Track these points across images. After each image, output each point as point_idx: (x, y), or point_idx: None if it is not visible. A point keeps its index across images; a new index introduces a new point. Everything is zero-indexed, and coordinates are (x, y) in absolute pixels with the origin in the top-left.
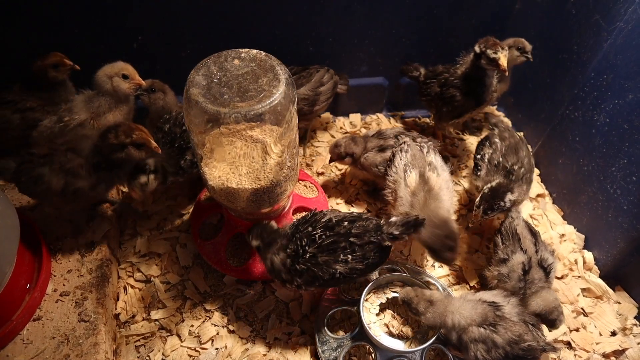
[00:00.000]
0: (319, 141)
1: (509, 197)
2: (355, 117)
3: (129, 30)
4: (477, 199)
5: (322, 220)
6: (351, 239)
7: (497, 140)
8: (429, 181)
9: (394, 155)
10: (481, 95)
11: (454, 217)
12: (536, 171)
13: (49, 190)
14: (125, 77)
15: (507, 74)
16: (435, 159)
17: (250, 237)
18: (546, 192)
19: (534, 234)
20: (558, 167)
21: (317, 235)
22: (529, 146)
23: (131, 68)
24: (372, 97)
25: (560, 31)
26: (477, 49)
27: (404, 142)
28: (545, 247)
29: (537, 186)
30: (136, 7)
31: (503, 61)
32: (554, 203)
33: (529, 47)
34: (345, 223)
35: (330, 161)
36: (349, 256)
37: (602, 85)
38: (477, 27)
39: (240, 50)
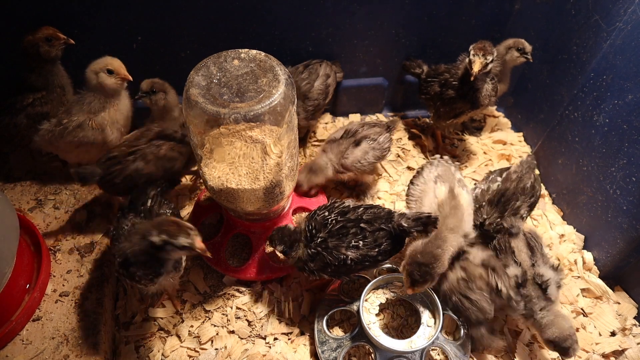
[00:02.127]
0: (318, 140)
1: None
2: (355, 118)
3: (129, 31)
4: None
5: (340, 206)
6: (362, 225)
7: (499, 179)
8: (458, 197)
9: (422, 169)
10: (477, 98)
11: (472, 234)
12: (536, 171)
13: (150, 179)
14: (110, 72)
15: (472, 78)
16: (462, 178)
17: (275, 244)
18: (546, 192)
19: (532, 247)
20: (557, 168)
21: (329, 220)
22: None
23: (117, 62)
24: (371, 98)
25: (560, 32)
26: (470, 48)
27: (434, 158)
28: (544, 261)
29: None
30: (136, 7)
31: (475, 67)
32: (553, 203)
33: (529, 47)
34: (360, 210)
35: (309, 195)
36: (360, 242)
37: (601, 86)
38: (477, 28)
39: (240, 50)
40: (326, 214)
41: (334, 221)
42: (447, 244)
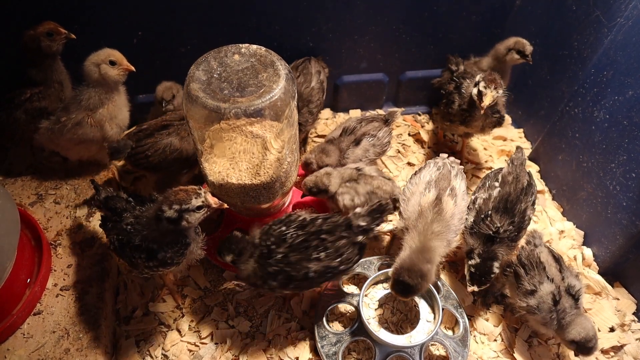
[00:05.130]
0: (319, 136)
1: (496, 265)
2: (355, 114)
3: (129, 26)
4: (468, 277)
5: (297, 219)
6: (322, 236)
7: (496, 184)
8: (443, 205)
9: (423, 167)
10: (469, 123)
11: (454, 244)
12: (536, 167)
13: (180, 157)
14: (112, 63)
15: (482, 112)
16: (460, 185)
17: (223, 255)
18: (546, 189)
19: (557, 259)
20: (557, 164)
21: (288, 235)
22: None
23: (118, 54)
24: (372, 93)
25: (561, 27)
26: (477, 77)
27: (440, 158)
28: (570, 271)
29: (536, 182)
30: (136, 2)
31: (487, 100)
32: (553, 199)
33: (529, 49)
34: (319, 221)
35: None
36: (322, 254)
37: (602, 82)
38: (478, 24)
39: (241, 45)
40: (283, 228)
41: (294, 235)
42: (435, 254)
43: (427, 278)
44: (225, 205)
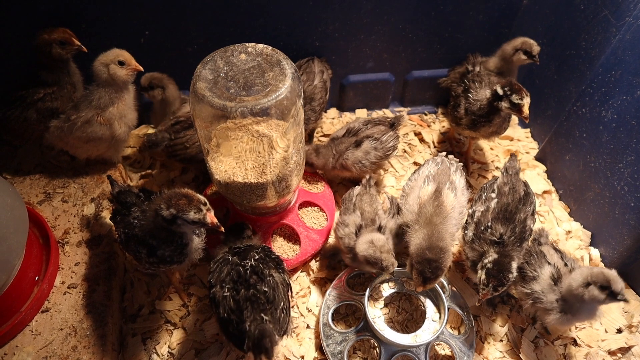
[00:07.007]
0: (325, 135)
1: (514, 265)
2: (362, 113)
3: (136, 25)
4: (483, 276)
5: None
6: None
7: (493, 195)
8: (443, 198)
9: (423, 164)
10: (478, 124)
11: (454, 243)
12: (543, 167)
13: None
14: (121, 63)
15: (527, 121)
16: (460, 180)
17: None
18: (552, 189)
19: (559, 251)
20: (565, 164)
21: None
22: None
23: (127, 54)
24: (378, 93)
25: (569, 27)
26: (499, 90)
27: (439, 155)
28: (573, 261)
29: (543, 182)
30: (143, 2)
31: (526, 110)
32: (560, 199)
33: (536, 49)
34: (258, 274)
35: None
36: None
37: (610, 82)
38: (485, 23)
39: (247, 44)
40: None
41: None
42: (447, 236)
43: (447, 253)
44: (222, 229)
